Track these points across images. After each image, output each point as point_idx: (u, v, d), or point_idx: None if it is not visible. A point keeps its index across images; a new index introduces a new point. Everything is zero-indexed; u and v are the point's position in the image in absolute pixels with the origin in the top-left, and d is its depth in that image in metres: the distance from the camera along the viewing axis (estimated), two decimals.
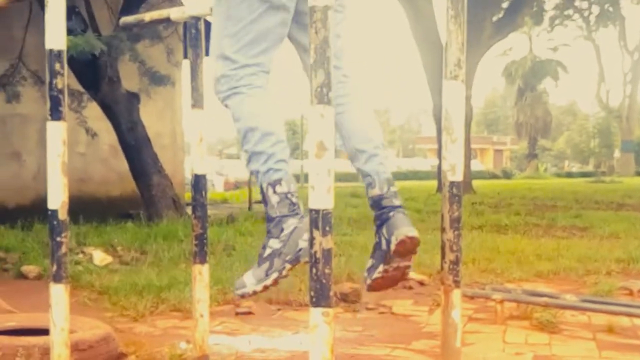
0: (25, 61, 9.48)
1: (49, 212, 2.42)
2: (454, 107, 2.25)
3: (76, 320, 3.19)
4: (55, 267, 2.40)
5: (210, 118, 3.03)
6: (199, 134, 2.91)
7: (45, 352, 2.71)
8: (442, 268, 2.41)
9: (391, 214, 2.25)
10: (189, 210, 7.94)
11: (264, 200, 2.19)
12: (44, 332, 2.90)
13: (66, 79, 2.54)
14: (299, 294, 4.96)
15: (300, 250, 2.14)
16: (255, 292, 2.22)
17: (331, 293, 2.03)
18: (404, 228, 2.20)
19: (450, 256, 2.32)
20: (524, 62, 45.98)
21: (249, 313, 4.55)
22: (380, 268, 2.23)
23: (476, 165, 42.16)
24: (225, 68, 2.26)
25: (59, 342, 2.42)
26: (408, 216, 2.27)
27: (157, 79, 9.50)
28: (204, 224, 2.94)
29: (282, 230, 2.15)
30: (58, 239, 2.40)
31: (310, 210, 2.02)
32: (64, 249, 2.42)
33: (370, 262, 2.29)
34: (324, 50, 1.96)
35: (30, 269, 5.76)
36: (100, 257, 6.20)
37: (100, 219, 8.76)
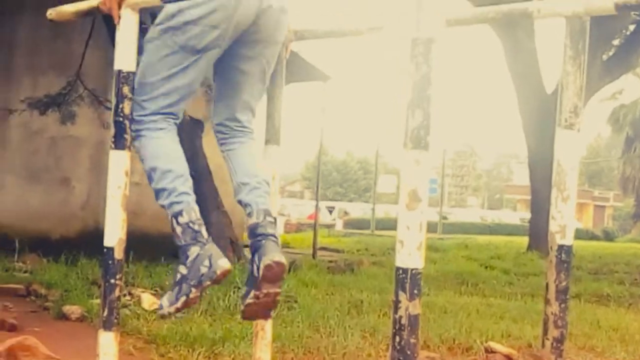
0: (83, 79, 9.77)
1: (105, 250, 2.45)
2: (567, 160, 2.20)
3: None
4: (106, 313, 2.42)
5: (284, 154, 3.05)
6: (273, 171, 2.92)
7: None
8: (542, 345, 2.33)
9: (263, 241, 2.65)
10: (246, 252, 7.97)
11: (173, 231, 2.62)
12: None
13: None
14: (367, 359, 4.89)
15: (202, 275, 2.54)
16: (170, 314, 2.61)
17: None
18: (271, 254, 2.60)
19: (554, 332, 2.25)
20: (634, 108, 45.01)
21: None
22: (252, 294, 2.63)
23: (574, 222, 41.24)
24: (135, 112, 2.69)
25: None
26: (278, 245, 2.67)
27: None
28: None
29: (187, 257, 2.57)
30: (112, 280, 2.43)
31: (397, 269, 1.99)
32: (117, 293, 2.45)
33: (244, 290, 2.71)
34: (423, 88, 1.94)
35: (72, 309, 5.84)
36: (149, 300, 6.26)
37: (151, 257, 8.87)
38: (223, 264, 2.54)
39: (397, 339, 1.91)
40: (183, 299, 2.56)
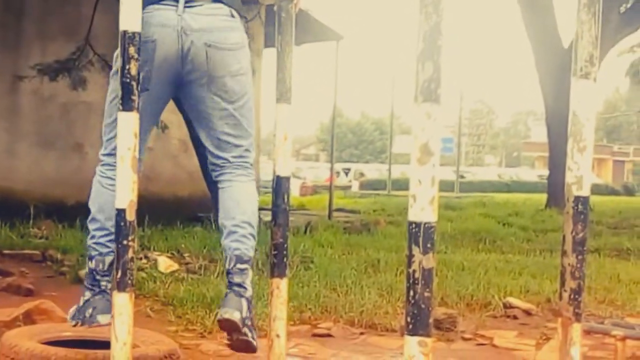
0: (93, 44, 9.72)
1: (115, 212, 2.45)
2: (583, 110, 2.17)
3: (138, 333, 3.22)
4: (119, 274, 2.43)
5: (295, 114, 3.03)
6: (284, 131, 2.91)
7: None
8: (560, 297, 2.32)
9: (227, 290, 2.75)
10: (261, 215, 7.97)
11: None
12: (103, 344, 2.94)
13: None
14: (385, 317, 4.91)
15: (84, 317, 2.86)
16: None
17: (431, 320, 1.98)
18: (225, 308, 2.69)
19: (571, 284, 2.24)
20: None
21: (328, 335, 4.53)
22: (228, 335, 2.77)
23: (592, 178, 41.06)
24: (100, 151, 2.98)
25: (120, 358, 2.45)
26: (241, 296, 2.72)
27: None
28: (284, 233, 2.94)
29: (83, 295, 2.89)
30: (124, 242, 2.43)
31: (410, 224, 1.98)
32: (130, 254, 2.45)
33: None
34: (434, 39, 1.91)
35: None
36: (165, 263, 6.30)
37: (166, 221, 8.91)
38: (101, 319, 2.82)
39: (412, 293, 1.90)
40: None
